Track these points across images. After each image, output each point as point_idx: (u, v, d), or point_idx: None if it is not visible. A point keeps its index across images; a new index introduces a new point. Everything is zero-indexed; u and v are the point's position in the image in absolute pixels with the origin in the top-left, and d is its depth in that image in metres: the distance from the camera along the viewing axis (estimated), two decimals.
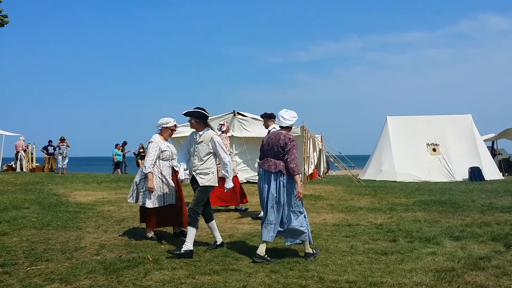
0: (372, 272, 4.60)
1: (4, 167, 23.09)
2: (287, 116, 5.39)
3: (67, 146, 21.03)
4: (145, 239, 6.22)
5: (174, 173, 6.35)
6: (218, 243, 5.77)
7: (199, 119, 5.63)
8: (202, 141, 5.58)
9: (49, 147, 22.95)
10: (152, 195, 6.16)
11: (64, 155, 20.85)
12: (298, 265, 4.88)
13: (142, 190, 6.22)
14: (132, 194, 6.43)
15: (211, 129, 5.70)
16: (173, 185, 6.34)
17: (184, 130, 14.58)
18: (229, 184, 5.67)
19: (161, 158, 6.23)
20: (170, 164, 6.35)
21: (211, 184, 5.59)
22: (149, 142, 6.30)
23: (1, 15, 17.51)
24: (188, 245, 5.24)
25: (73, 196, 11.07)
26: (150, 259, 5.09)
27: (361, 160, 26.62)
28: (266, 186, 5.27)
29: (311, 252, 5.25)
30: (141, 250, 5.55)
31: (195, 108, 5.66)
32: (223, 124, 9.17)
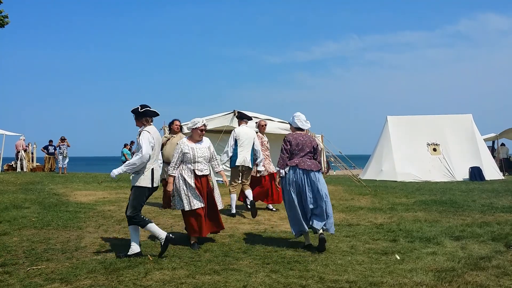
0: (372, 272, 4.60)
1: (5, 167, 23.11)
2: (305, 120, 6.01)
3: (68, 146, 21.04)
4: (147, 239, 6.22)
5: (206, 176, 6.05)
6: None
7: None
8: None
9: (49, 147, 22.97)
10: (183, 198, 5.88)
11: (64, 155, 20.87)
12: (298, 265, 4.88)
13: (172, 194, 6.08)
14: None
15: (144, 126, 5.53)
16: (197, 188, 5.90)
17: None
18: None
19: (183, 161, 5.98)
20: (193, 167, 5.92)
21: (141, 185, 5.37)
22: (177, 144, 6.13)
23: (2, 16, 17.51)
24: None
25: (74, 196, 11.07)
26: (151, 258, 5.09)
27: (362, 160, 26.61)
28: (307, 182, 5.69)
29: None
30: (141, 250, 5.54)
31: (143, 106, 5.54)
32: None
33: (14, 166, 23.01)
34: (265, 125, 9.23)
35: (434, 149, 18.40)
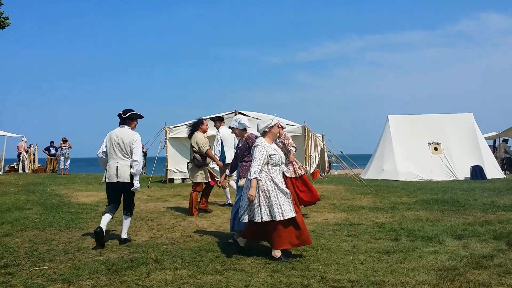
0: (374, 271, 4.60)
1: (7, 168, 23.15)
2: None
3: (69, 147, 21.07)
4: (148, 239, 6.23)
5: (285, 179, 5.55)
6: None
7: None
8: None
9: (51, 148, 23.01)
10: (284, 205, 5.22)
11: (66, 156, 20.91)
12: (300, 265, 4.89)
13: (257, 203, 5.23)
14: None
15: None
16: (289, 192, 5.36)
17: (185, 129, 14.60)
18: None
19: (270, 163, 5.31)
20: (281, 169, 5.47)
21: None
22: (255, 146, 5.36)
23: (2, 17, 17.55)
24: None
25: (75, 197, 11.09)
26: (154, 258, 5.10)
27: (363, 160, 26.61)
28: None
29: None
30: (143, 250, 5.56)
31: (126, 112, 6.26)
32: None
33: (16, 167, 23.04)
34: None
35: (436, 148, 18.38)
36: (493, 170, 17.91)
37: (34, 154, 23.99)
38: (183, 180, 15.88)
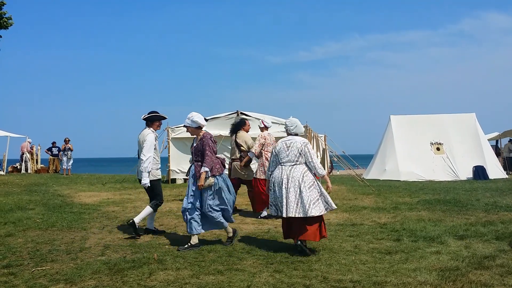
0: (376, 272, 4.60)
1: (9, 169, 23.19)
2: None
3: (71, 149, 21.15)
4: (150, 239, 6.24)
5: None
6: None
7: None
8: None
9: (53, 149, 23.06)
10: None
11: (68, 157, 20.96)
12: (302, 265, 4.89)
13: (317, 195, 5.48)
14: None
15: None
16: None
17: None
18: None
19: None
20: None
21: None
22: (307, 144, 5.62)
23: (5, 17, 17.61)
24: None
25: (78, 197, 11.11)
26: (156, 258, 5.10)
27: (365, 160, 26.60)
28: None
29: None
30: (145, 250, 5.57)
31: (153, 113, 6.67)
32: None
33: (18, 167, 23.09)
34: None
35: (438, 148, 18.35)
36: (496, 170, 17.87)
37: (37, 154, 24.03)
38: (185, 180, 15.89)
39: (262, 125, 8.69)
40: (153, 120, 6.63)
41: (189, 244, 5.67)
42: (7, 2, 17.67)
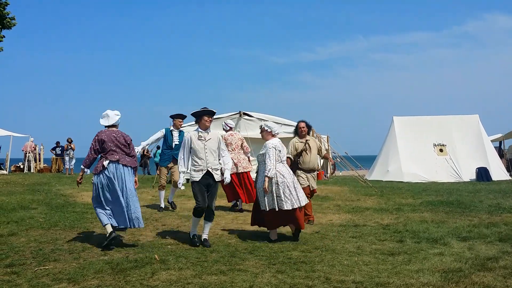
0: (379, 273, 4.59)
1: (12, 168, 23.25)
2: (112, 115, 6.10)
3: (73, 149, 21.19)
4: (152, 239, 6.23)
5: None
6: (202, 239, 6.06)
7: (212, 116, 6.20)
8: (211, 138, 6.12)
9: (57, 148, 23.13)
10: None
11: (70, 156, 21.01)
12: (304, 266, 4.88)
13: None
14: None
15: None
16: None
17: (190, 129, 14.60)
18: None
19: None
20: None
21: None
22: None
23: (9, 18, 17.66)
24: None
25: (81, 197, 11.12)
26: (158, 259, 5.11)
27: (368, 161, 26.53)
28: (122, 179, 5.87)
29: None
30: (148, 250, 5.57)
31: (204, 108, 6.16)
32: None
33: (21, 167, 23.14)
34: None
35: (441, 150, 18.32)
36: (499, 172, 17.83)
37: (39, 154, 24.09)
38: (188, 180, 15.85)
39: (227, 127, 9.57)
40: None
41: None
42: (10, 3, 17.71)
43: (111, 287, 4.15)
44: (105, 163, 5.80)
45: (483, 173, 17.11)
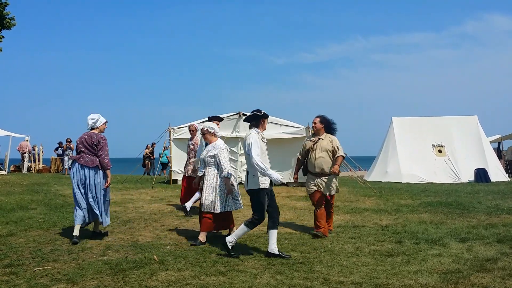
0: (377, 274, 4.60)
1: (11, 168, 23.22)
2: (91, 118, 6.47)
3: (72, 149, 21.18)
4: (152, 240, 6.23)
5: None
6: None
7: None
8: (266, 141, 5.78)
9: (59, 148, 23.15)
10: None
11: (69, 156, 20.98)
12: (303, 267, 4.89)
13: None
14: None
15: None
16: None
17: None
18: None
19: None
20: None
21: None
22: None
23: (9, 18, 17.64)
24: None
25: None
26: (157, 259, 5.11)
27: (367, 161, 26.54)
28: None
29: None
30: (147, 251, 5.57)
31: (256, 111, 5.70)
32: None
33: (20, 167, 23.12)
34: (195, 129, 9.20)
35: (440, 151, 18.32)
36: (497, 173, 17.85)
37: (39, 154, 24.07)
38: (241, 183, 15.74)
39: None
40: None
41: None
42: (10, 3, 17.68)
43: (110, 287, 4.15)
44: (69, 162, 6.19)
45: (481, 174, 17.12)
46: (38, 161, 23.97)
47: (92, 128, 6.51)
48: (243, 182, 5.76)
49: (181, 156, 15.60)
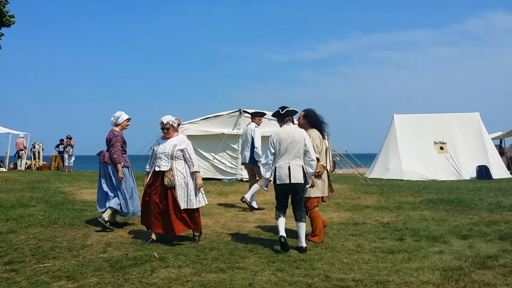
0: (378, 271, 4.58)
1: (11, 165, 23.24)
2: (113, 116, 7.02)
3: (72, 146, 21.19)
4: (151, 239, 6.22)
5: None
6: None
7: None
8: None
9: (60, 146, 23.17)
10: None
11: (70, 154, 21.01)
12: (304, 264, 4.87)
13: None
14: None
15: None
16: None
17: (190, 127, 14.58)
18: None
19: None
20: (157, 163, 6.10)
21: None
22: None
23: (8, 16, 17.64)
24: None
25: (80, 194, 11.11)
26: (157, 256, 5.10)
27: (368, 159, 26.51)
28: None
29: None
30: (147, 248, 5.56)
31: (283, 108, 5.86)
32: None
33: (17, 164, 23.17)
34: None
35: (441, 148, 18.29)
36: (499, 170, 17.82)
37: (39, 152, 24.09)
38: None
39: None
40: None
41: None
42: (9, 1, 17.67)
43: (110, 285, 4.14)
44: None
45: (483, 171, 17.10)
46: (38, 158, 23.99)
47: (116, 125, 7.04)
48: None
49: None
